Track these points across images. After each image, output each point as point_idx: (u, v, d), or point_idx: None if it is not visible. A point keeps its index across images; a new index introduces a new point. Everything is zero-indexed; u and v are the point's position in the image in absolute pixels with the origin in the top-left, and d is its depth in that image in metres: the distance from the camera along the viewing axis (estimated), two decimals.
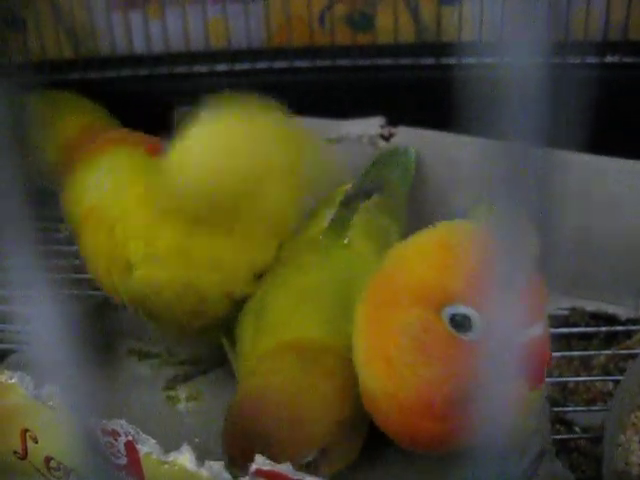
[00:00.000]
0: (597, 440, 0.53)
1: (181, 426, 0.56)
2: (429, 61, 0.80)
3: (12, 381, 0.43)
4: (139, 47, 0.85)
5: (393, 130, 0.72)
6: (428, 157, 0.70)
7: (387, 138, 0.72)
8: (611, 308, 0.66)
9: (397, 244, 0.45)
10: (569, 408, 0.58)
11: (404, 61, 0.81)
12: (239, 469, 0.42)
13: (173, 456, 0.40)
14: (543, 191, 0.18)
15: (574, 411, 0.57)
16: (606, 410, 0.54)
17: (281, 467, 0.38)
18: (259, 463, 0.39)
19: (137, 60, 0.85)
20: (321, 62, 0.82)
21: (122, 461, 0.41)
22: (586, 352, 0.63)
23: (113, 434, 0.40)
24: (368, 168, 0.67)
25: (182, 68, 0.84)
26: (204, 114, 0.54)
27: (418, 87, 0.79)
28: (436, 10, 0.81)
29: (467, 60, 0.76)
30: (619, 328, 0.64)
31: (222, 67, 0.83)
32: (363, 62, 0.81)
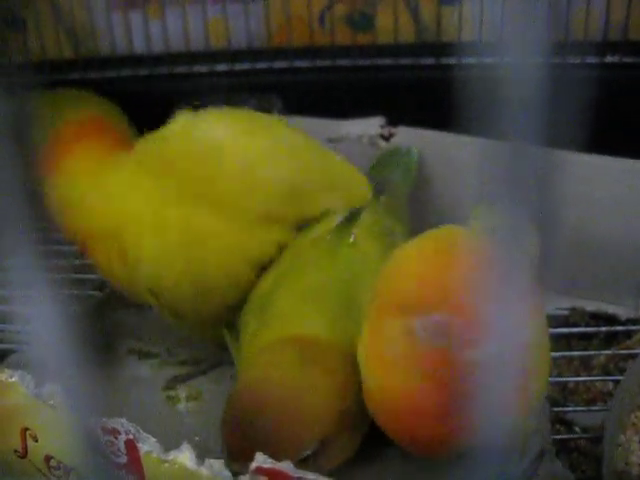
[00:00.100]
0: (597, 440, 0.53)
1: (181, 426, 0.56)
2: (429, 61, 0.80)
3: (13, 380, 0.43)
4: (139, 47, 0.85)
5: (393, 130, 0.72)
6: (428, 157, 0.70)
7: (387, 138, 0.72)
8: (611, 308, 0.66)
9: (401, 245, 0.45)
10: (569, 408, 0.58)
11: (404, 61, 0.81)
12: (238, 461, 0.43)
13: (173, 455, 0.40)
14: (543, 191, 0.18)
15: (574, 411, 0.57)
16: (606, 410, 0.54)
17: (282, 465, 0.38)
18: (259, 461, 0.39)
19: (137, 60, 0.85)
20: (321, 62, 0.82)
21: (122, 460, 0.41)
22: (586, 352, 0.63)
23: (113, 432, 0.40)
24: (371, 168, 0.67)
25: (182, 68, 0.84)
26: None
27: (418, 87, 0.79)
28: (436, 10, 0.81)
29: (467, 60, 0.76)
30: (619, 328, 0.64)
31: (222, 67, 0.83)
32: (363, 62, 0.81)
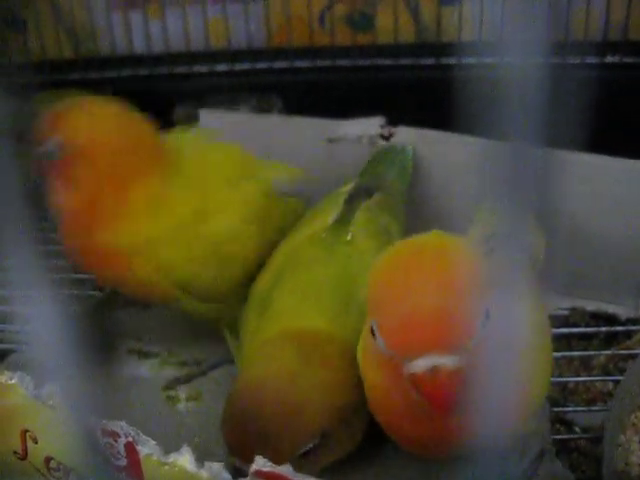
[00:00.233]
0: (597, 440, 0.53)
1: (181, 426, 0.56)
2: (429, 61, 0.80)
3: (12, 381, 0.43)
4: (139, 47, 0.85)
5: (393, 130, 0.72)
6: (428, 157, 0.70)
7: (387, 138, 0.72)
8: (611, 308, 0.66)
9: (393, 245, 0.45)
10: (569, 408, 0.58)
11: (404, 61, 0.81)
12: (238, 456, 0.43)
13: (173, 457, 0.40)
14: (543, 191, 0.18)
15: (574, 411, 0.57)
16: (606, 410, 0.54)
17: (281, 468, 0.38)
18: (259, 464, 0.38)
19: (137, 60, 0.85)
20: (321, 62, 0.82)
21: (122, 462, 0.41)
22: (586, 352, 0.63)
23: (113, 435, 0.40)
24: (366, 166, 0.67)
25: (182, 68, 0.84)
26: None
27: (418, 87, 0.79)
28: (436, 10, 0.81)
29: (467, 60, 0.76)
30: (619, 328, 0.64)
31: (222, 67, 0.83)
32: (363, 62, 0.81)
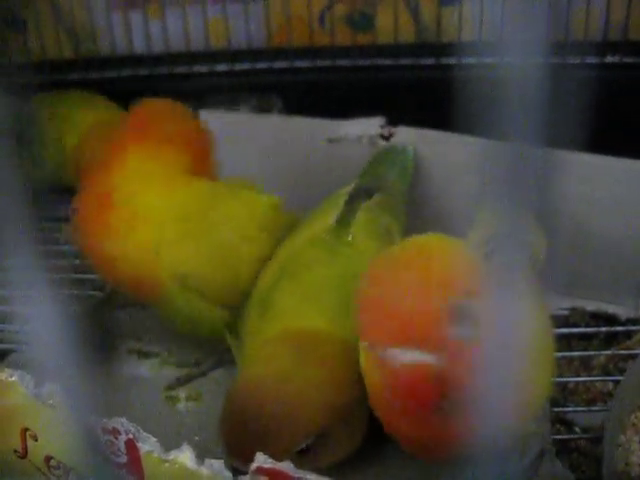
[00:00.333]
0: (597, 440, 0.53)
1: (181, 426, 0.56)
2: (429, 61, 0.80)
3: (12, 379, 0.43)
4: (139, 47, 0.85)
5: (393, 130, 0.72)
6: (428, 157, 0.70)
7: (387, 138, 0.72)
8: (611, 308, 0.66)
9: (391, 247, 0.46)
10: (569, 408, 0.58)
11: (404, 61, 0.81)
12: (237, 457, 0.43)
13: (173, 454, 0.40)
14: (543, 191, 0.18)
15: (574, 411, 0.57)
16: (606, 410, 0.54)
17: (282, 465, 0.38)
18: (260, 461, 0.39)
19: (137, 60, 0.85)
20: (321, 62, 0.82)
21: (122, 459, 0.41)
22: (586, 352, 0.63)
23: (113, 432, 0.40)
24: (366, 166, 0.67)
25: (182, 68, 0.84)
26: None
27: (418, 87, 0.79)
28: (436, 10, 0.81)
29: (467, 60, 0.76)
30: (619, 328, 0.64)
31: (222, 67, 0.83)
32: (363, 62, 0.81)
